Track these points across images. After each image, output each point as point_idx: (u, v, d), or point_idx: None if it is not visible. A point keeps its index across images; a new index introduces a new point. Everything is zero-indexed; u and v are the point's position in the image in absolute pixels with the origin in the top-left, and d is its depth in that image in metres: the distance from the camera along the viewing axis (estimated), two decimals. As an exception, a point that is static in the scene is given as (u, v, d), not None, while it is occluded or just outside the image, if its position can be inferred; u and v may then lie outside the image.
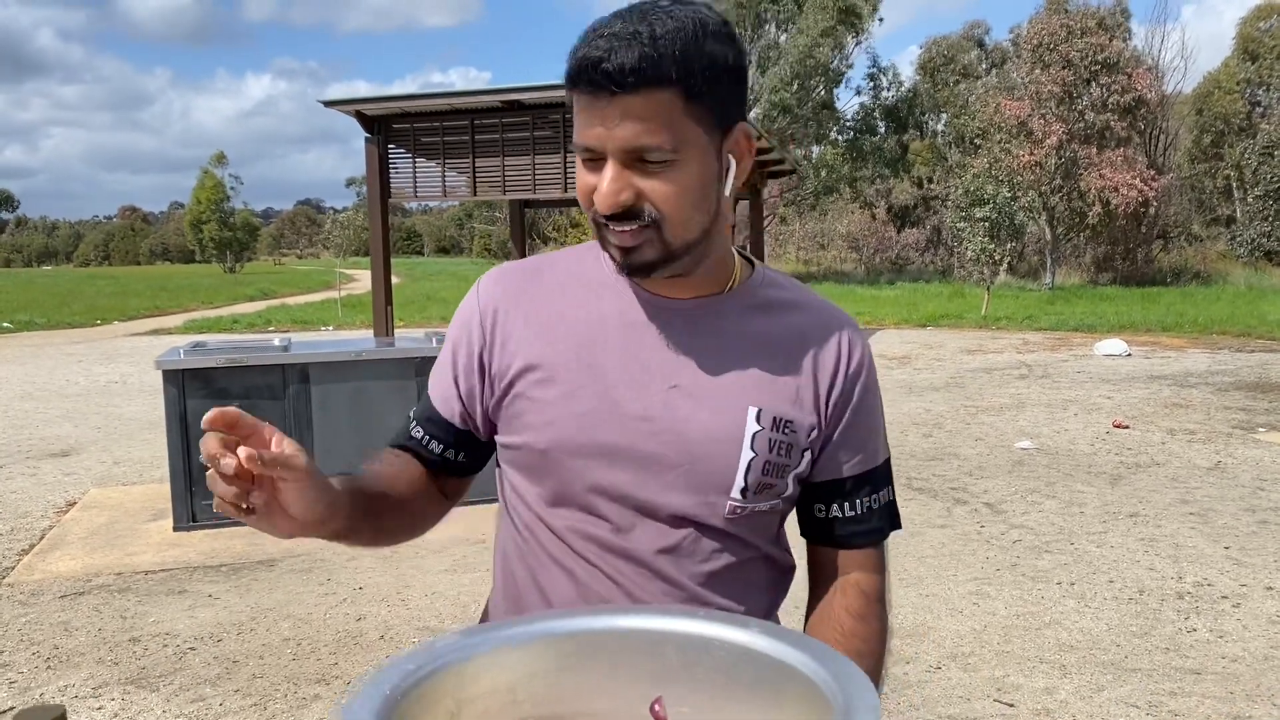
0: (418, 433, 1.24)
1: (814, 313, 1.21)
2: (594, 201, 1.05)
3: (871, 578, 1.21)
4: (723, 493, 1.12)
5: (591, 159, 1.05)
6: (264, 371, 5.68)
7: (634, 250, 1.06)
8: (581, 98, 1.02)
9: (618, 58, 0.98)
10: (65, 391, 11.60)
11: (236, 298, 32.96)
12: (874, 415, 1.22)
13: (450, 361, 1.23)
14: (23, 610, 4.47)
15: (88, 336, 19.58)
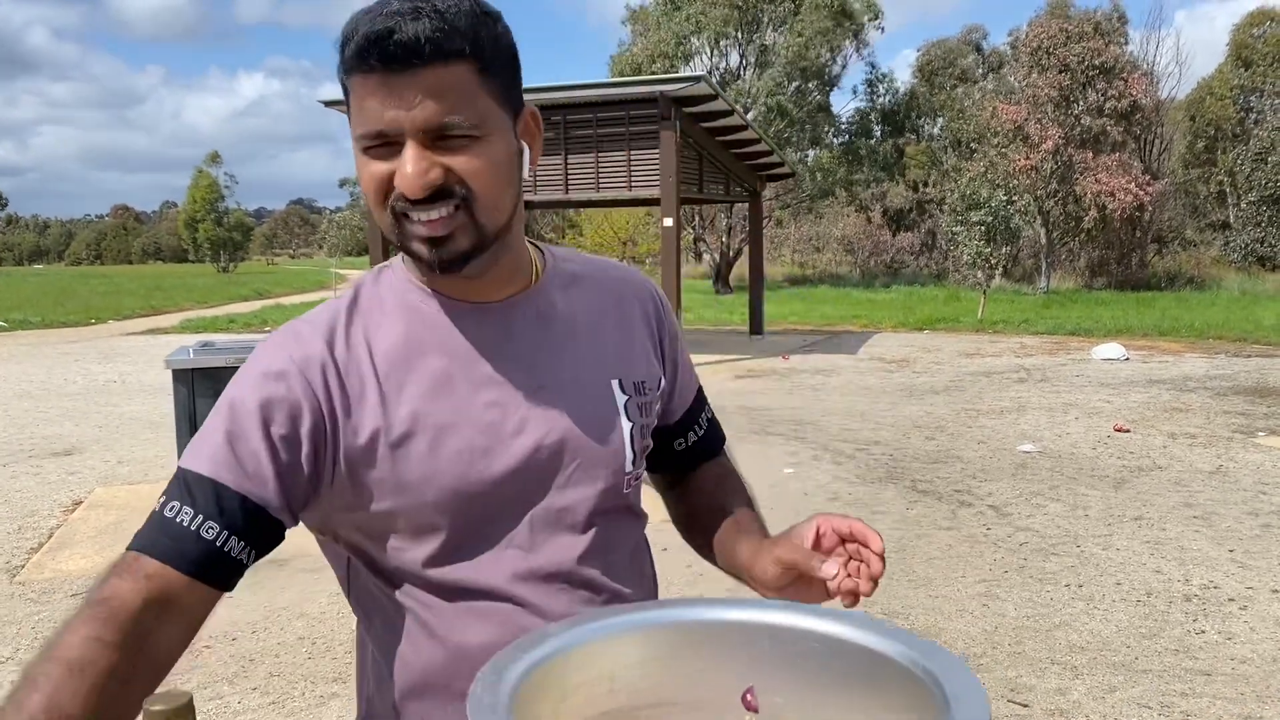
0: (209, 532, 0.94)
1: (611, 274, 1.23)
2: (395, 188, 0.97)
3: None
4: (619, 471, 1.13)
5: (381, 145, 0.96)
6: (273, 371, 5.68)
7: (446, 240, 0.99)
8: (369, 80, 0.94)
9: (408, 29, 0.92)
10: (64, 390, 11.59)
11: (231, 297, 32.92)
12: (684, 346, 1.30)
13: (260, 434, 0.97)
14: (35, 608, 4.48)
15: (83, 335, 19.54)
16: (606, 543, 1.12)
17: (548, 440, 1.07)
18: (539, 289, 1.13)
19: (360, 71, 0.95)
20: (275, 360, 1.02)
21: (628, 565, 1.16)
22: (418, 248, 1.00)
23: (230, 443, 0.97)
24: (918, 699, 0.81)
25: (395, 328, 1.07)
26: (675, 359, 1.25)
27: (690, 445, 1.29)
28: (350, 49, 0.95)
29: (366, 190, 1.00)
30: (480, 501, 1.05)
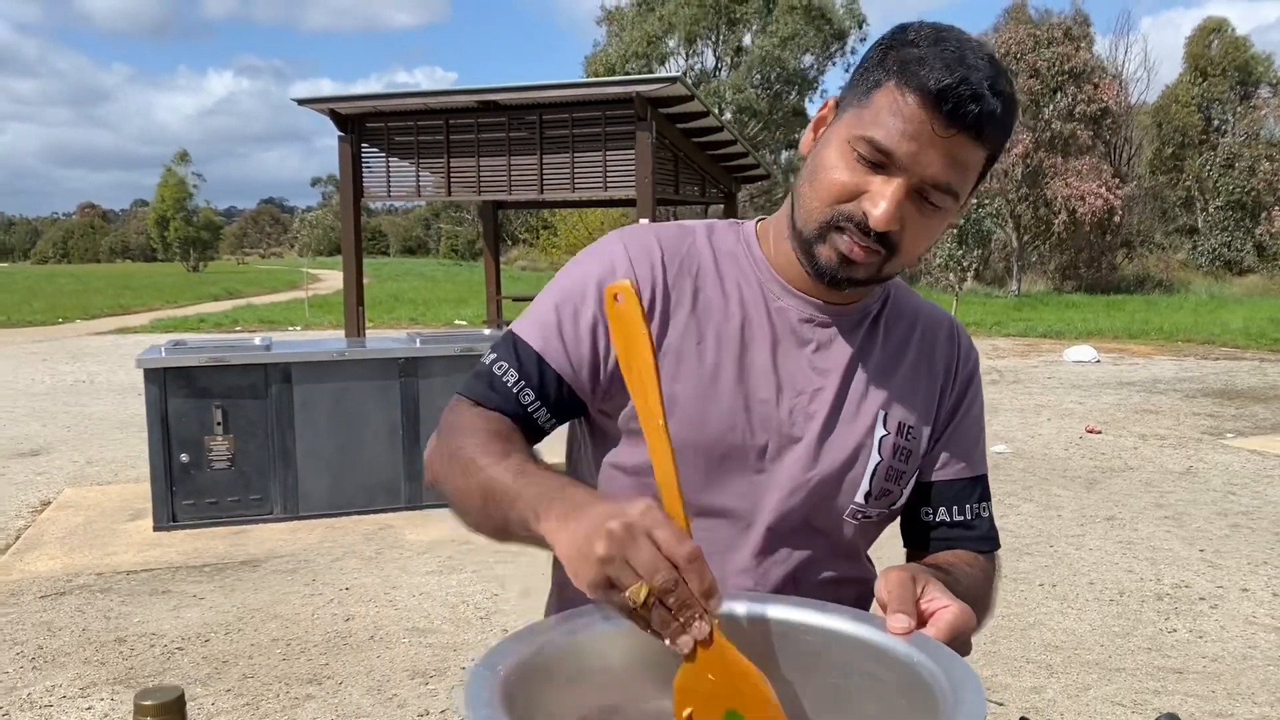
0: (526, 397, 1.07)
1: (933, 315, 1.22)
2: (858, 205, 1.00)
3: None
4: (847, 498, 1.12)
5: (875, 162, 0.99)
6: (246, 371, 5.63)
7: (856, 265, 1.03)
8: (918, 110, 0.96)
9: (988, 107, 0.96)
10: (31, 390, 11.42)
11: (201, 297, 32.58)
12: (980, 420, 1.23)
13: (591, 315, 1.08)
14: (4, 610, 4.40)
15: (50, 335, 19.27)
16: (808, 562, 1.13)
17: (802, 441, 1.11)
18: (866, 306, 1.15)
19: (915, 95, 0.96)
20: (615, 255, 1.11)
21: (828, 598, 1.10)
22: (827, 257, 1.04)
23: (560, 322, 1.09)
24: (915, 690, 0.81)
25: (719, 281, 1.12)
26: (956, 419, 1.19)
27: (938, 522, 1.18)
28: (933, 80, 0.95)
29: (827, 178, 1.02)
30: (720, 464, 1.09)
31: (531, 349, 1.09)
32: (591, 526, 0.78)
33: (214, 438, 5.57)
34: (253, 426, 5.65)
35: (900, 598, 0.89)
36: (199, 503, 5.58)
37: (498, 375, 1.08)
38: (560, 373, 1.08)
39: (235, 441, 5.61)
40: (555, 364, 1.08)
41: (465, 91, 12.56)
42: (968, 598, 0.98)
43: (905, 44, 0.99)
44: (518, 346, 1.09)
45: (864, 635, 0.88)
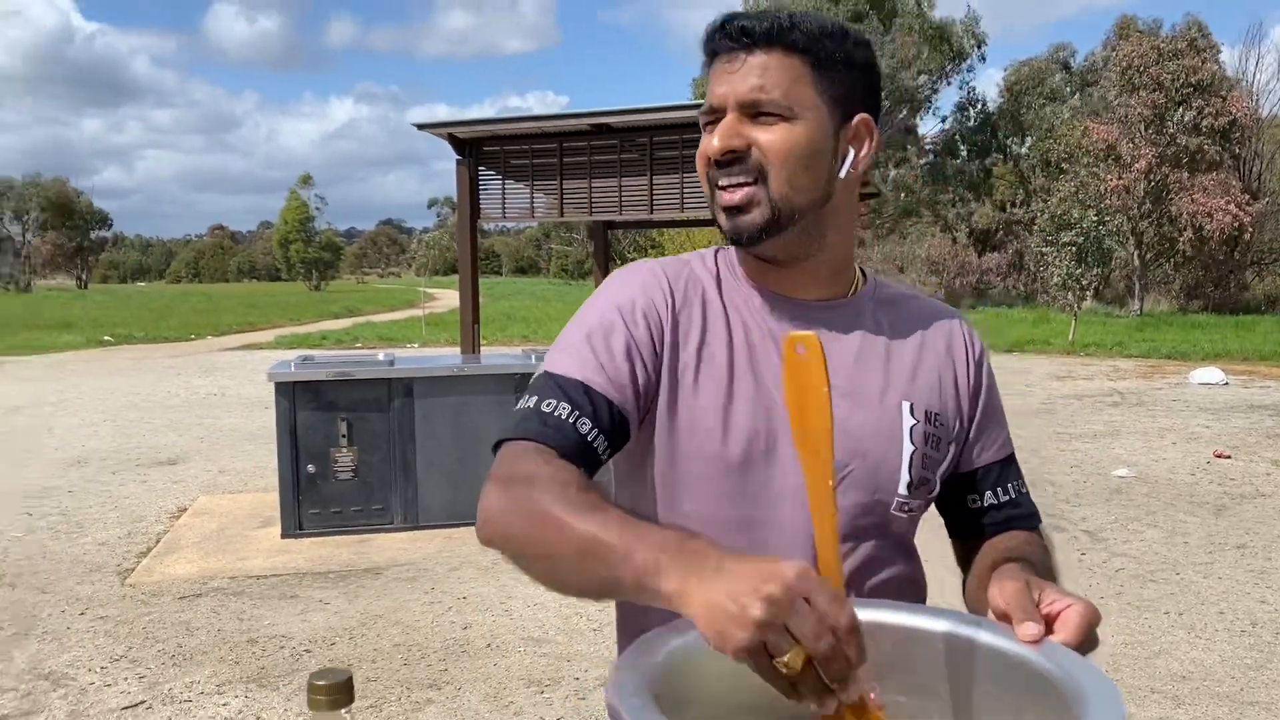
0: (584, 426, 1.05)
1: (928, 306, 1.27)
2: (707, 156, 1.10)
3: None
4: (890, 491, 1.13)
5: (712, 121, 1.10)
6: (371, 385, 5.86)
7: (741, 210, 1.09)
8: (715, 62, 1.10)
9: (752, 21, 1.08)
10: (167, 403, 12.03)
11: (323, 314, 33.79)
12: (999, 401, 1.26)
13: (624, 340, 1.10)
14: (145, 609, 4.67)
15: (184, 350, 20.26)
16: (863, 564, 1.13)
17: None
18: (855, 300, 1.20)
19: (710, 53, 1.11)
20: (630, 286, 1.16)
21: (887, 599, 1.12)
22: (720, 218, 1.12)
23: (594, 350, 1.10)
24: (1048, 701, 0.82)
25: (719, 298, 1.18)
26: (982, 405, 1.22)
27: (987, 507, 1.21)
28: (707, 33, 1.10)
29: (698, 160, 1.13)
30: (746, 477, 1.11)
31: (573, 379, 1.08)
32: (740, 589, 0.74)
33: (339, 449, 5.80)
34: (376, 439, 5.86)
35: (1022, 605, 0.89)
36: (324, 512, 5.82)
37: (547, 412, 1.05)
38: (608, 395, 1.07)
39: (359, 453, 5.83)
40: (601, 388, 1.07)
41: (578, 115, 12.79)
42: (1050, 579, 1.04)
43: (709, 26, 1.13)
44: (558, 382, 1.08)
45: (995, 644, 0.88)
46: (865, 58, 1.14)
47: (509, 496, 0.99)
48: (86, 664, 4.02)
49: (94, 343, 22.01)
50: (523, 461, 1.01)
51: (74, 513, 6.57)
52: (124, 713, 3.58)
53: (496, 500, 1.00)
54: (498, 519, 1.00)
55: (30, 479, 7.65)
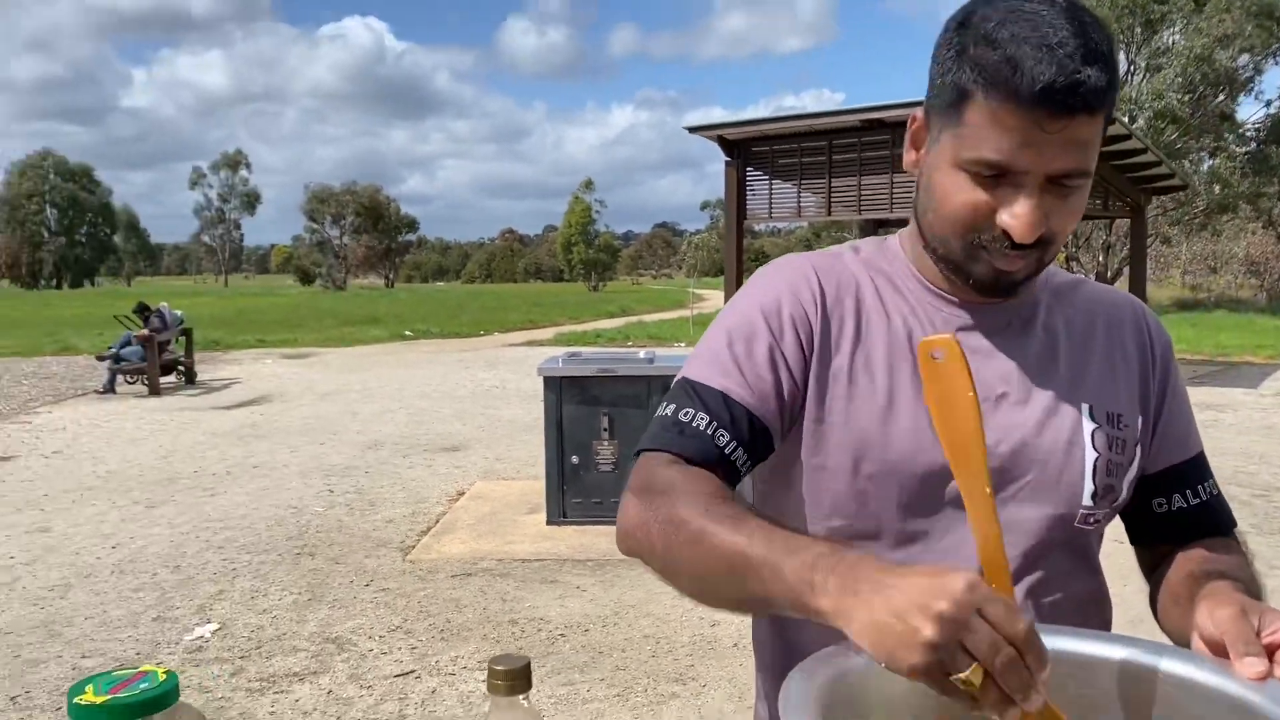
0: (722, 438, 1.01)
1: (1104, 294, 1.14)
2: (994, 224, 0.95)
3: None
4: (1073, 502, 1.03)
5: (991, 176, 0.93)
6: (631, 382, 5.99)
7: (1013, 274, 0.99)
8: (1019, 115, 0.89)
9: (1092, 83, 0.88)
10: (455, 394, 12.92)
11: (599, 314, 35.18)
12: (1185, 394, 1.15)
13: (767, 347, 1.05)
14: (421, 585, 5.01)
15: (473, 346, 21.71)
16: (1044, 580, 1.05)
17: (1000, 449, 1.03)
18: (1028, 299, 1.10)
19: (1012, 103, 0.89)
20: (775, 286, 1.09)
21: (1070, 619, 1.03)
22: (982, 275, 1.00)
23: (735, 358, 1.04)
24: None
25: (877, 297, 1.09)
26: (1165, 401, 1.12)
27: (1174, 510, 1.11)
28: (1028, 82, 0.88)
29: (951, 208, 0.97)
30: (909, 487, 1.03)
31: (713, 389, 1.03)
32: (907, 605, 0.70)
33: (600, 442, 5.98)
34: (635, 434, 5.97)
35: (1241, 635, 0.78)
36: (585, 501, 6.02)
37: (685, 422, 1.01)
38: (748, 407, 1.02)
39: (619, 447, 5.98)
40: (741, 399, 1.02)
41: (849, 111, 12.54)
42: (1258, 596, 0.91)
43: (979, 40, 0.90)
44: (698, 391, 1.03)
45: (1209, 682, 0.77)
46: None
47: (649, 509, 0.95)
48: (367, 632, 4.36)
49: (396, 337, 24.06)
50: (662, 473, 0.98)
51: (368, 491, 7.18)
52: (396, 680, 3.85)
53: (636, 512, 0.97)
54: (638, 532, 0.97)
55: (334, 459, 8.44)
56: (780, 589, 0.79)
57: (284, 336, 23.72)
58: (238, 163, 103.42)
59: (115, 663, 4.05)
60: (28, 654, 4.17)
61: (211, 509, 6.70)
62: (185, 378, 14.39)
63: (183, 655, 4.10)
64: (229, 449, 9.02)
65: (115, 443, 9.47)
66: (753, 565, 0.82)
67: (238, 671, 3.93)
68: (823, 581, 0.76)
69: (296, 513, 6.56)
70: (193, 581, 5.10)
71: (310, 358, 18.85)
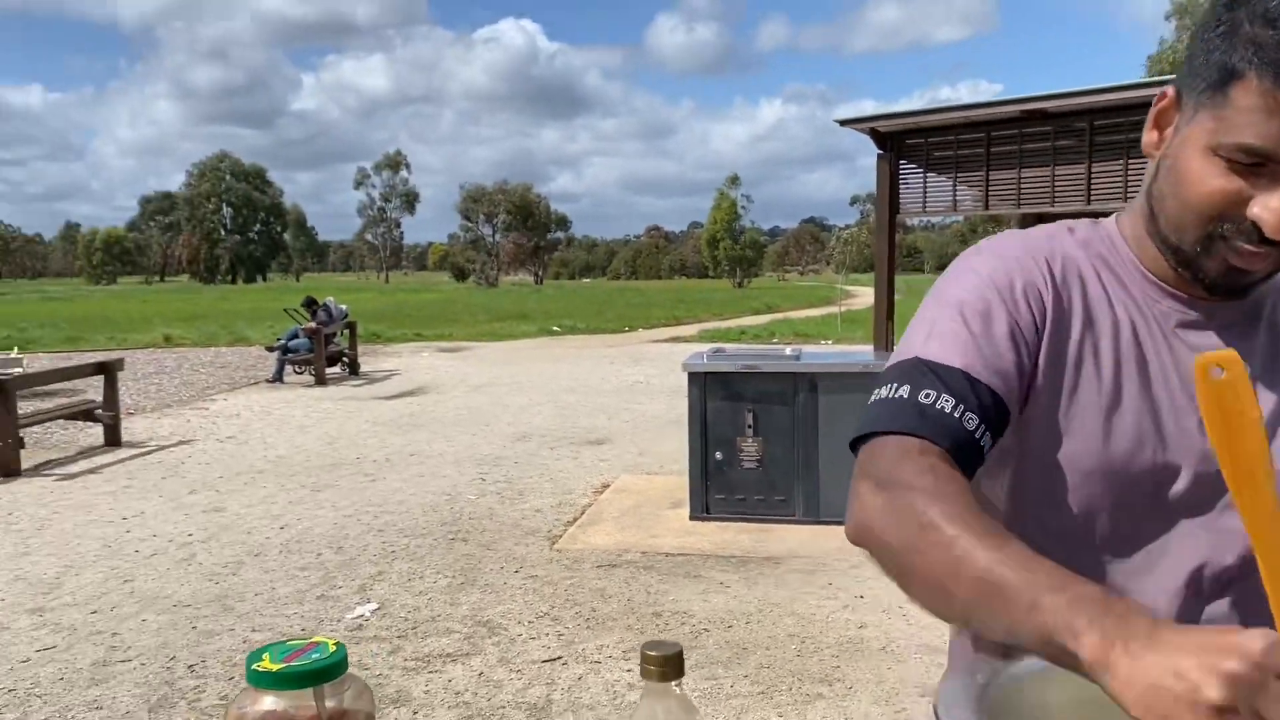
0: (970, 422, 0.93)
1: None
2: (1247, 217, 0.89)
3: None
4: None
5: (1249, 164, 0.87)
6: (776, 379, 5.95)
7: (1251, 273, 0.93)
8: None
9: None
10: (600, 389, 13.11)
11: (743, 311, 35.06)
12: None
13: (1006, 322, 0.99)
14: (568, 574, 5.11)
15: (618, 341, 21.97)
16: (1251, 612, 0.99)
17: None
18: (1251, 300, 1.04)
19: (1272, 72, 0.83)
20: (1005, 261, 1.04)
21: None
22: (1213, 270, 0.94)
23: (972, 335, 0.98)
24: None
25: (1099, 283, 1.04)
26: None
27: None
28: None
29: (1198, 194, 0.92)
30: (1129, 487, 0.98)
31: (953, 368, 0.95)
32: (1188, 664, 0.62)
33: (745, 439, 5.96)
34: (780, 431, 5.95)
35: None
36: (729, 498, 6.01)
37: (927, 404, 0.94)
38: (991, 385, 0.95)
39: (764, 444, 5.95)
40: (984, 377, 0.95)
41: (1009, 102, 12.08)
42: None
43: (1256, 18, 0.82)
44: (936, 370, 0.96)
45: None
46: None
47: (890, 501, 0.89)
48: (517, 617, 4.48)
49: (544, 332, 24.58)
50: (903, 461, 0.91)
51: (517, 481, 7.36)
52: (544, 665, 3.94)
53: (874, 502, 0.90)
54: (875, 524, 0.90)
55: (485, 449, 8.69)
56: (1032, 625, 0.73)
57: (440, 331, 24.56)
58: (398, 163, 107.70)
59: (283, 638, 4.28)
60: (203, 626, 4.45)
61: (372, 494, 7.00)
62: (349, 369, 15.08)
63: (344, 633, 4.30)
64: (389, 437, 9.41)
65: (284, 429, 10.01)
66: (1005, 592, 0.75)
67: (395, 650, 4.10)
68: (1085, 628, 0.69)
69: (450, 500, 6.79)
70: (354, 562, 5.35)
71: (464, 351, 19.46)
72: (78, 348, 21.00)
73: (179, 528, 6.16)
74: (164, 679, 3.87)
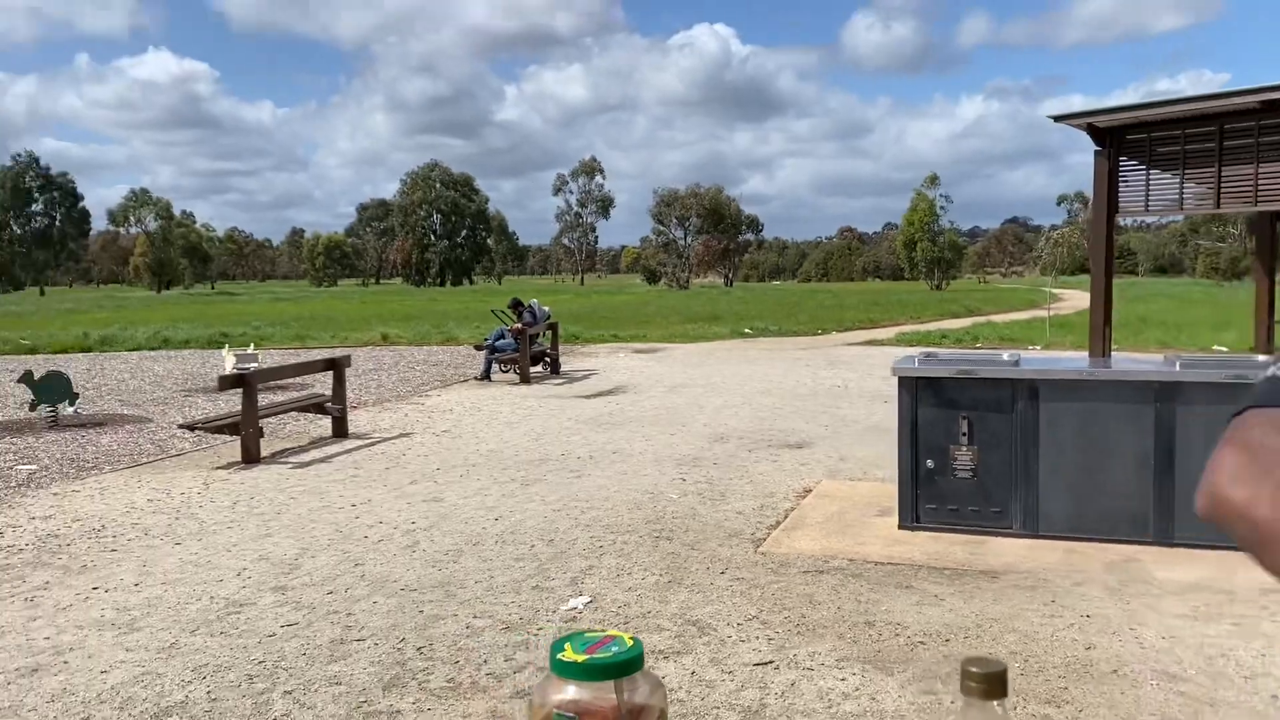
0: None
1: None
2: None
3: None
4: None
5: None
6: (993, 385, 5.72)
7: None
8: None
9: None
10: (796, 392, 12.98)
11: (942, 313, 33.91)
12: None
13: None
14: (774, 577, 5.08)
15: (812, 344, 21.69)
16: None
17: None
18: None
19: None
20: None
21: None
22: None
23: None
24: None
25: None
26: None
27: None
28: None
29: None
30: None
31: None
32: None
33: (958, 447, 5.76)
34: (996, 440, 5.72)
35: None
36: (940, 508, 5.82)
37: None
38: None
39: (979, 453, 5.74)
40: None
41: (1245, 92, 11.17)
42: None
43: None
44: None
45: None
46: None
47: (1263, 470, 0.82)
48: (725, 618, 4.49)
49: (736, 334, 24.56)
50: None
51: (717, 482, 7.39)
52: (755, 668, 3.94)
53: (1243, 471, 0.83)
54: (1242, 492, 0.82)
55: (684, 449, 8.77)
56: None
57: (634, 332, 24.96)
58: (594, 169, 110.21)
59: (502, 625, 4.46)
60: (429, 610, 4.69)
61: (578, 489, 7.20)
62: (551, 368, 15.55)
63: (559, 624, 4.44)
64: (590, 434, 9.64)
65: (493, 425, 10.42)
66: None
67: (608, 644, 4.19)
68: None
69: (653, 498, 6.89)
70: (565, 556, 5.51)
71: (658, 352, 19.71)
72: (305, 344, 22.59)
73: (402, 516, 6.52)
74: (395, 659, 4.10)
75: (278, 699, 3.75)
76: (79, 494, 7.43)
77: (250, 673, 3.99)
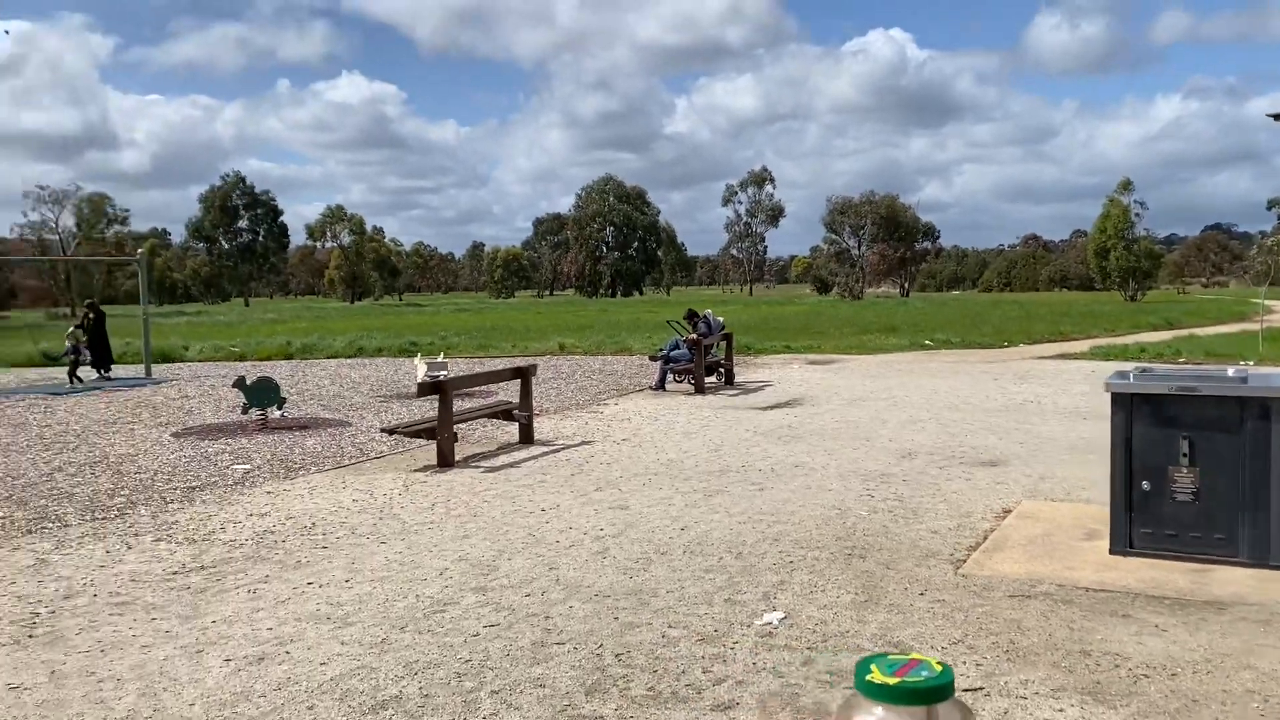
0: None
1: None
2: None
3: None
4: None
5: None
6: (1218, 403, 5.32)
7: None
8: None
9: None
10: (985, 406, 12.48)
11: (1139, 326, 31.98)
12: None
13: None
14: (977, 601, 4.87)
15: (996, 356, 20.84)
16: None
17: None
18: None
19: None
20: None
21: None
22: None
23: None
24: None
25: None
26: None
27: None
28: None
29: None
30: None
31: None
32: None
33: (1178, 469, 5.39)
34: (1222, 462, 5.31)
35: None
36: (1157, 533, 5.46)
37: None
38: None
39: (1201, 476, 5.34)
40: None
41: None
42: None
43: None
44: None
45: None
46: None
47: None
48: (928, 641, 4.33)
49: (915, 345, 23.86)
50: None
51: (908, 500, 7.17)
52: (965, 694, 3.77)
53: None
54: None
55: (869, 465, 8.56)
56: None
57: (806, 343, 24.65)
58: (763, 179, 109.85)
59: (697, 636, 4.44)
60: (624, 617, 4.73)
61: (762, 502, 7.13)
62: (725, 379, 15.53)
63: (755, 639, 4.39)
64: (770, 447, 9.55)
65: (671, 434, 10.47)
66: None
67: (807, 661, 4.12)
68: None
69: (841, 514, 6.74)
70: (754, 569, 5.45)
71: (834, 364, 19.37)
72: (488, 353, 23.39)
73: (590, 522, 6.61)
74: (595, 665, 4.15)
75: (485, 698, 3.85)
76: (290, 493, 7.89)
77: (458, 670, 4.12)
